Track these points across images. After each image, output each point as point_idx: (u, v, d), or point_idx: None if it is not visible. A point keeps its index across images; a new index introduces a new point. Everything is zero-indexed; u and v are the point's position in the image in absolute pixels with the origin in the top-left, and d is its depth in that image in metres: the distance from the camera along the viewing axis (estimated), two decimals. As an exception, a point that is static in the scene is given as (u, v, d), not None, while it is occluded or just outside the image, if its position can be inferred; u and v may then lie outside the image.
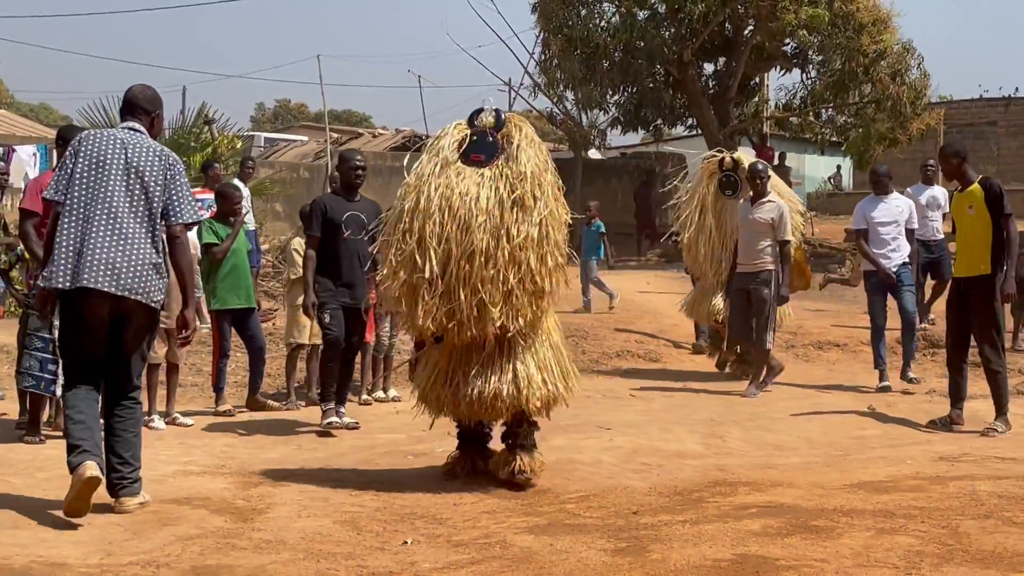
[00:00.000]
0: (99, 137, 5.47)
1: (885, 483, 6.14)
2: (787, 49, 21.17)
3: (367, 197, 8.36)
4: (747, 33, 20.72)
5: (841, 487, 6.00)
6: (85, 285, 5.23)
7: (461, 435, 6.52)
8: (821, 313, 13.60)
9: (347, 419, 8.08)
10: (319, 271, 7.94)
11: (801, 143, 30.94)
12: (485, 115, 6.31)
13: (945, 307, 8.46)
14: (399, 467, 6.83)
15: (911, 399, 9.54)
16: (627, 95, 21.49)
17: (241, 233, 9.17)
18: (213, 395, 9.13)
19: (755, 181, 10.13)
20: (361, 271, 7.94)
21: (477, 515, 5.55)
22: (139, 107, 5.63)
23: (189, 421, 8.44)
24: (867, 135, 19.64)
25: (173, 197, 5.47)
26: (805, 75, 21.50)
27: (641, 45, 19.90)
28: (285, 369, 9.76)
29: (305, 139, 30.00)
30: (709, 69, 22.50)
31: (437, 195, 5.94)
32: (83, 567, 4.51)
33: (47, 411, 7.84)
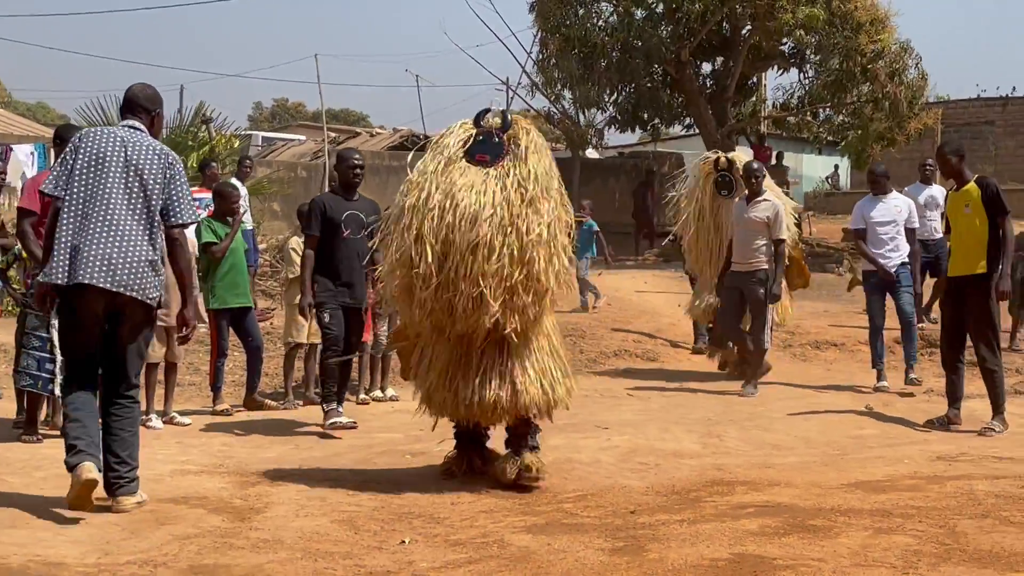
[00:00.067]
0: (99, 134, 5.50)
1: (883, 482, 6.14)
2: (784, 49, 21.17)
3: (365, 196, 8.36)
4: (745, 33, 20.73)
5: (839, 486, 6.00)
6: (81, 281, 5.26)
7: (459, 435, 6.52)
8: (819, 313, 13.61)
9: (345, 419, 8.09)
10: (318, 271, 7.92)
11: (799, 143, 30.96)
12: (491, 116, 6.30)
13: (939, 307, 8.46)
14: (397, 466, 6.83)
15: (909, 398, 9.54)
16: (625, 94, 21.47)
17: (239, 232, 9.17)
18: (211, 394, 9.14)
19: (750, 180, 10.11)
20: (361, 271, 7.93)
21: (475, 514, 5.55)
22: (139, 106, 5.66)
23: (187, 420, 8.44)
24: (865, 135, 19.63)
25: (173, 197, 5.49)
26: (803, 75, 21.52)
27: (639, 44, 19.89)
28: (283, 368, 9.77)
29: (303, 138, 29.92)
30: (707, 68, 22.49)
31: (439, 192, 5.92)
32: (81, 566, 4.50)
33: (44, 410, 7.85)
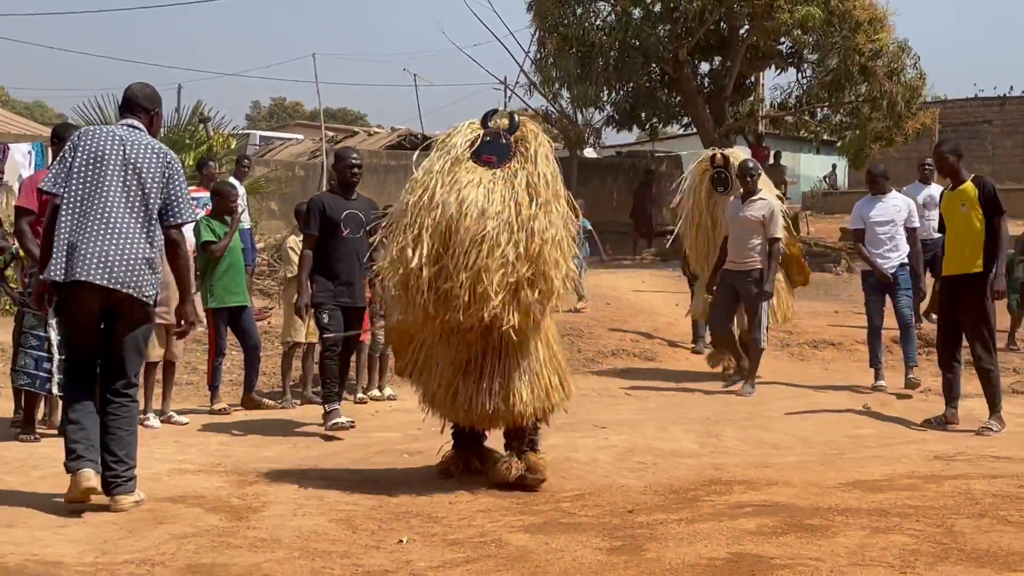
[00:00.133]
0: (98, 133, 5.52)
1: (880, 482, 6.15)
2: (782, 48, 21.17)
3: (364, 195, 8.35)
4: (742, 32, 20.74)
5: (836, 486, 6.01)
6: (78, 278, 5.28)
7: (457, 435, 6.52)
8: (817, 312, 13.61)
9: (344, 419, 8.05)
10: (317, 270, 7.88)
11: (796, 142, 31.00)
12: (499, 117, 6.30)
13: (938, 307, 8.46)
14: (395, 466, 6.83)
15: (906, 399, 9.54)
16: (622, 94, 21.47)
17: (236, 231, 9.16)
18: (208, 393, 9.13)
19: (745, 179, 10.04)
20: (360, 270, 7.92)
21: (472, 513, 5.54)
22: (138, 105, 5.68)
23: (184, 419, 8.44)
24: (863, 134, 19.64)
25: (172, 196, 5.51)
26: (800, 74, 21.54)
27: (636, 44, 19.89)
28: (281, 367, 9.76)
29: (300, 137, 29.90)
30: (704, 68, 22.49)
31: (443, 190, 5.90)
32: (78, 565, 4.50)
33: (42, 409, 7.85)
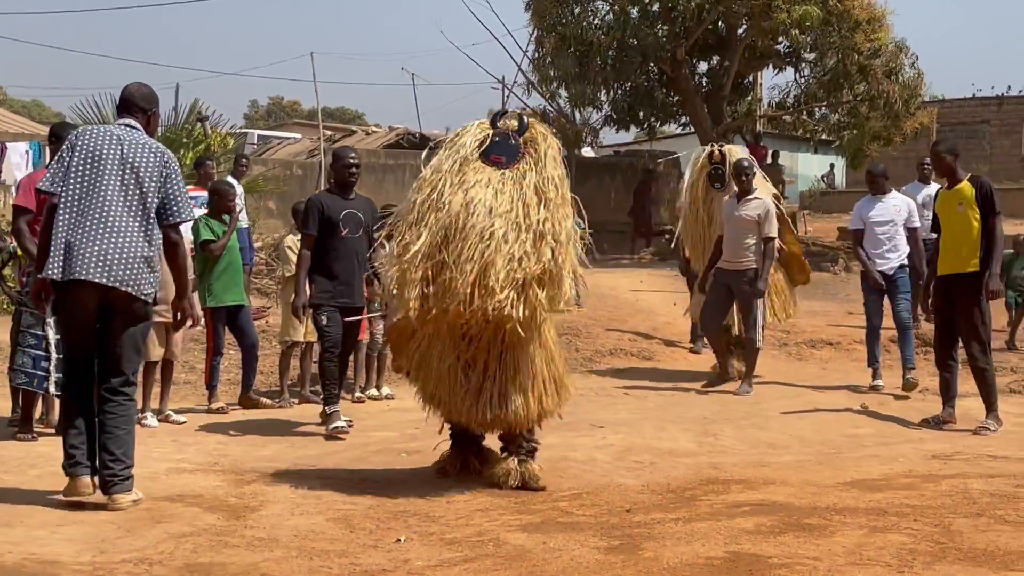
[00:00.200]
0: (96, 133, 5.54)
1: (878, 481, 6.15)
2: (780, 48, 21.18)
3: (362, 195, 8.34)
4: (740, 32, 20.74)
5: (834, 485, 6.01)
6: (77, 277, 5.30)
7: (455, 434, 6.52)
8: (814, 311, 13.61)
9: (343, 422, 8.02)
10: (316, 271, 7.85)
11: (794, 141, 31.03)
12: (508, 118, 6.30)
13: (931, 306, 8.46)
14: (392, 465, 6.83)
15: (904, 399, 9.54)
16: (620, 93, 21.47)
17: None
18: (206, 393, 9.12)
19: (740, 178, 9.98)
20: (359, 270, 7.90)
21: (470, 513, 5.55)
22: (135, 105, 5.71)
23: (182, 419, 8.43)
24: (861, 133, 19.65)
25: (169, 195, 5.54)
26: (798, 73, 21.53)
27: (634, 43, 19.88)
28: (279, 367, 9.76)
29: (298, 136, 29.87)
30: (703, 67, 22.49)
31: (451, 189, 5.90)
32: (76, 565, 4.50)
33: (39, 408, 7.84)
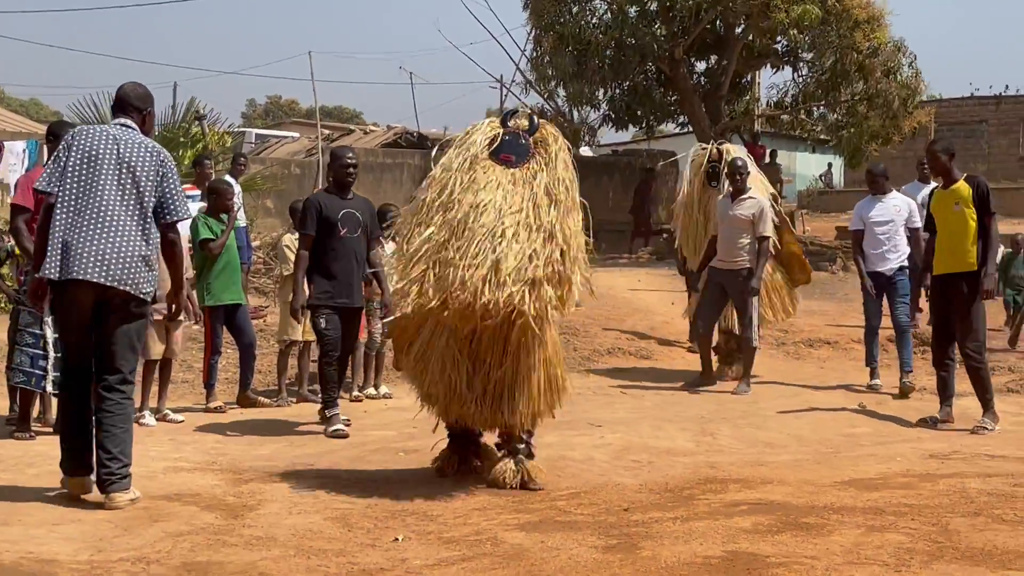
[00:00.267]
0: (92, 132, 5.55)
1: (875, 480, 6.16)
2: (778, 47, 21.17)
3: (360, 195, 8.32)
4: (739, 31, 20.74)
5: (831, 484, 6.02)
6: (75, 277, 5.31)
7: (452, 433, 6.51)
8: (812, 311, 13.62)
9: (343, 424, 7.97)
10: (315, 271, 7.82)
11: (792, 141, 31.04)
12: (519, 117, 6.29)
13: (928, 306, 8.47)
14: (390, 464, 6.83)
15: (901, 398, 9.55)
16: (618, 92, 21.47)
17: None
18: (204, 391, 9.12)
19: (735, 177, 9.97)
20: (358, 270, 7.88)
21: (468, 512, 5.55)
22: (131, 104, 5.72)
23: (180, 417, 8.43)
24: (859, 133, 19.65)
25: (166, 194, 5.56)
26: (796, 73, 21.53)
27: (632, 42, 19.88)
28: (277, 365, 9.75)
29: (296, 135, 29.84)
30: (700, 66, 22.49)
31: (461, 188, 5.89)
32: (73, 563, 4.50)
33: (37, 407, 7.84)
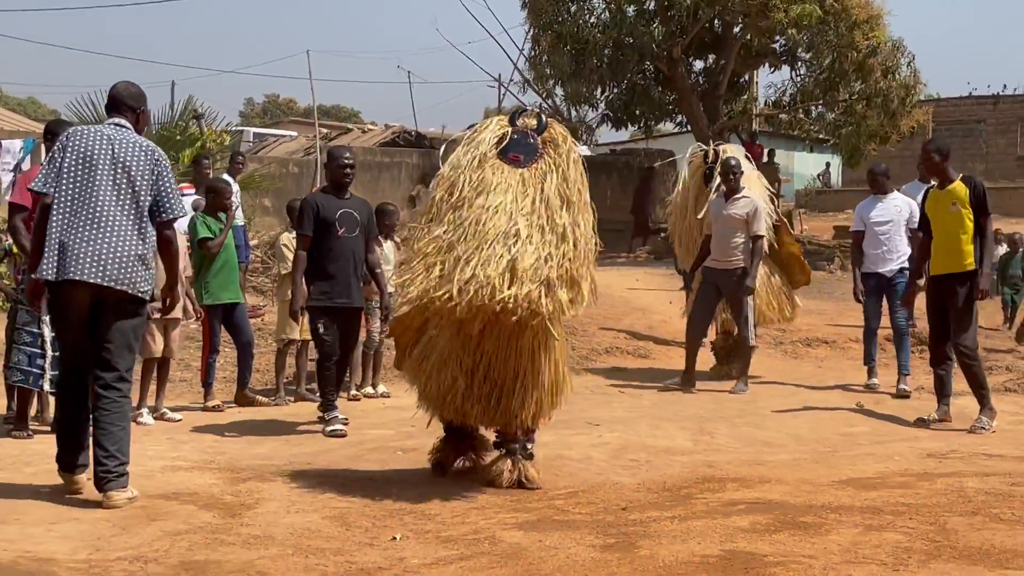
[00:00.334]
0: (87, 133, 5.57)
1: (873, 479, 6.16)
2: (776, 47, 21.19)
3: (357, 195, 8.31)
4: (737, 30, 20.75)
5: (829, 483, 6.02)
6: (72, 277, 5.31)
7: (448, 430, 6.51)
8: (810, 310, 13.61)
9: (341, 425, 7.90)
10: (313, 271, 7.79)
11: (790, 140, 31.05)
12: (527, 116, 6.29)
13: (925, 306, 8.48)
14: (388, 463, 6.82)
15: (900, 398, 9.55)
16: (616, 91, 21.49)
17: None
18: (202, 390, 9.11)
19: (728, 177, 9.93)
20: (357, 270, 7.87)
21: (466, 511, 5.55)
22: (124, 104, 5.75)
23: (177, 416, 8.42)
24: (857, 132, 19.68)
25: (161, 193, 5.58)
26: (794, 72, 21.55)
27: (631, 41, 19.90)
28: (275, 364, 9.74)
29: (294, 134, 29.86)
30: (699, 66, 22.52)
31: (470, 188, 5.89)
32: (71, 562, 4.50)
33: (34, 406, 7.83)
